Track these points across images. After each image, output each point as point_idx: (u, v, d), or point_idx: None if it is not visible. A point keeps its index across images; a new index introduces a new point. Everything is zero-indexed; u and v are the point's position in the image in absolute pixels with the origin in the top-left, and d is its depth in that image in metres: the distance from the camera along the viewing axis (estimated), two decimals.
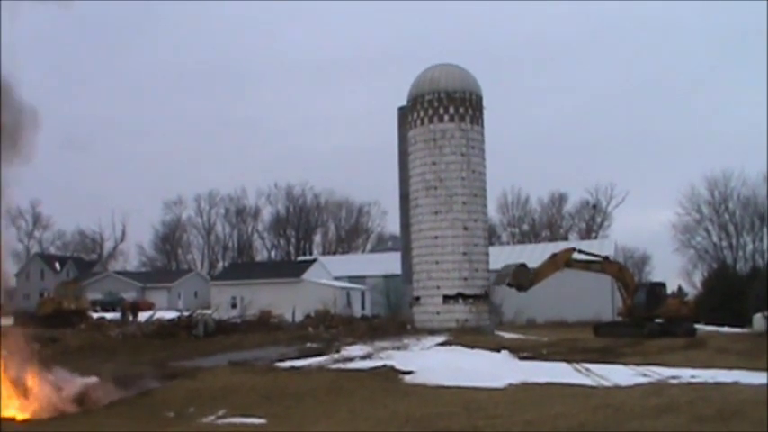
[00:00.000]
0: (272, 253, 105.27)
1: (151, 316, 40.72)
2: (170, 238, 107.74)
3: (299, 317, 48.16)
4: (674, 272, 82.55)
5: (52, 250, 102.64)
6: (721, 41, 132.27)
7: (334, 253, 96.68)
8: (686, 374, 20.41)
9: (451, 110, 38.76)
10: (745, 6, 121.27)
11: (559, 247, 48.19)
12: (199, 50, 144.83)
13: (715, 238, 79.78)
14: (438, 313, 37.91)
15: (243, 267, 78.34)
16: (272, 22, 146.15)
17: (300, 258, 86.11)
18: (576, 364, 23.38)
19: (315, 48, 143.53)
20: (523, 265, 36.76)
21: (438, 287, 38.09)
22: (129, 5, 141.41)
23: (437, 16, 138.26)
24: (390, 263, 56.03)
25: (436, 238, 38.35)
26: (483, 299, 38.43)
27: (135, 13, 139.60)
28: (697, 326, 37.82)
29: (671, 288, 55.02)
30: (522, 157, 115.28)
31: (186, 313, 38.38)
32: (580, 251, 38.01)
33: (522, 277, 35.86)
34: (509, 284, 36.03)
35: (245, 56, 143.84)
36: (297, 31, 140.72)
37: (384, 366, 22.68)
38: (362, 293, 62.35)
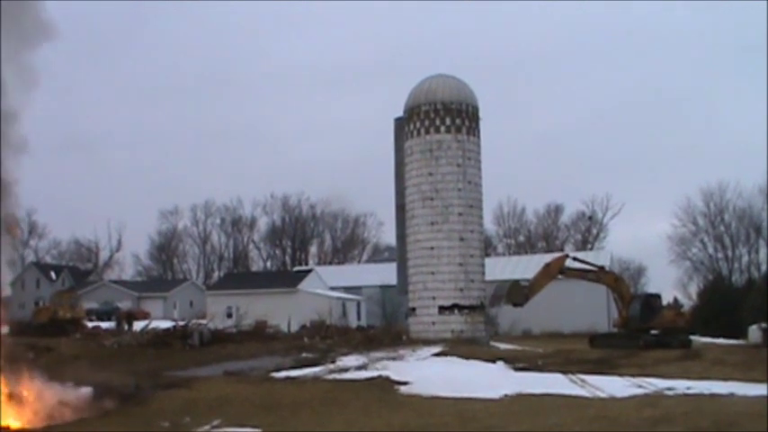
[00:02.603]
0: (268, 263, 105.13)
1: (146, 325, 40.55)
2: (166, 248, 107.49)
3: (294, 327, 48.09)
4: (670, 283, 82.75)
5: (48, 259, 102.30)
6: (718, 54, 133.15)
7: (330, 263, 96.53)
8: (682, 386, 20.46)
9: (448, 121, 38.85)
10: (742, 19, 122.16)
11: None
12: (195, 59, 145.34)
13: (711, 250, 79.86)
14: (434, 324, 37.85)
15: (238, 277, 78.12)
16: (268, 31, 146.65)
17: (296, 269, 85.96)
18: (571, 376, 23.39)
19: (311, 58, 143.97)
20: (516, 282, 36.77)
21: (434, 298, 38.05)
22: (124, 11, 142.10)
23: (434, 26, 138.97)
24: (386, 273, 55.97)
25: (432, 248, 38.34)
26: (479, 310, 38.41)
27: (131, 18, 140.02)
28: (692, 337, 37.84)
29: (666, 299, 55.00)
30: (518, 169, 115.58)
31: (182, 323, 38.27)
32: (575, 258, 38.01)
33: (516, 294, 35.79)
34: (505, 303, 36.09)
35: (241, 65, 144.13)
36: (293, 41, 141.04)
37: (379, 377, 22.70)
38: (358, 304, 62.24)
